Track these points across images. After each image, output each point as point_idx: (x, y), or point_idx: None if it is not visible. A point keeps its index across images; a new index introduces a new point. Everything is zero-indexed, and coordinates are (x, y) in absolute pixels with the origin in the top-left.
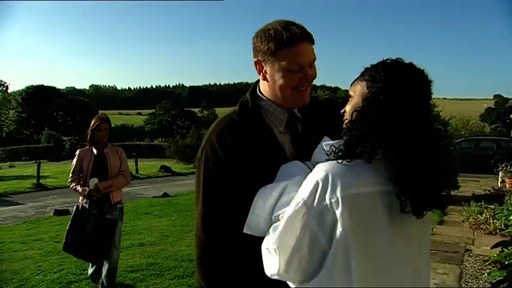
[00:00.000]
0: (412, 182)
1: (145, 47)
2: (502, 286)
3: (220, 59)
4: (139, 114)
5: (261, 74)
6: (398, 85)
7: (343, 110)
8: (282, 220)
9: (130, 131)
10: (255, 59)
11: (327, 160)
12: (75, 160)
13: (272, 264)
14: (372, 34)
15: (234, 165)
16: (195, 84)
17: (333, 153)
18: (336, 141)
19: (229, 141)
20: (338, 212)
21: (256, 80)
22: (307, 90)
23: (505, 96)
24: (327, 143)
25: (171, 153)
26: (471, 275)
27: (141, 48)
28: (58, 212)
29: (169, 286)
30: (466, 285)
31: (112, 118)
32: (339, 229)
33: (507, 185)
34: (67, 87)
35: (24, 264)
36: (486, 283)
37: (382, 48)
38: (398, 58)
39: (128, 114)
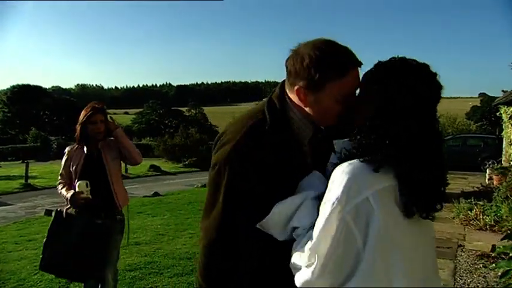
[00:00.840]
0: (414, 180)
1: (132, 46)
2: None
3: (207, 59)
4: (127, 113)
5: (300, 96)
6: (404, 83)
7: (352, 110)
8: (317, 223)
9: None
10: (296, 87)
11: (342, 160)
12: (63, 160)
13: (304, 272)
14: (358, 33)
15: (259, 170)
16: (182, 84)
17: (347, 153)
18: (346, 140)
19: (257, 145)
20: (373, 206)
21: (281, 81)
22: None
23: (490, 94)
24: (337, 142)
25: (160, 152)
26: (465, 270)
27: (128, 47)
28: (49, 212)
29: (168, 284)
30: (460, 279)
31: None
32: (375, 223)
33: (495, 182)
34: (53, 87)
35: (20, 264)
36: (480, 277)
37: (369, 47)
38: (402, 57)
39: (114, 113)
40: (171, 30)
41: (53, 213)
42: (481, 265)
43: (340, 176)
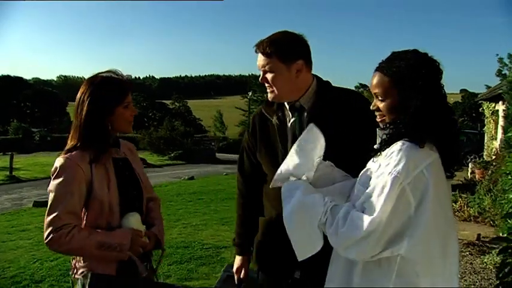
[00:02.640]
0: (449, 147)
1: (115, 38)
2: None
3: (190, 51)
4: None
5: None
6: (417, 72)
7: (375, 107)
8: (375, 195)
9: None
10: None
11: (385, 142)
12: (63, 184)
13: (363, 242)
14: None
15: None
16: (166, 76)
17: (389, 137)
18: (385, 129)
19: (255, 118)
20: (427, 177)
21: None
22: (268, 89)
23: (470, 90)
24: (379, 129)
25: (144, 145)
26: None
27: (111, 40)
28: (38, 204)
29: (169, 271)
30: None
31: None
32: (429, 191)
33: (477, 176)
34: (33, 78)
35: (17, 253)
36: (467, 264)
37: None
38: (405, 49)
39: None
40: (154, 22)
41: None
42: (467, 253)
43: (397, 153)
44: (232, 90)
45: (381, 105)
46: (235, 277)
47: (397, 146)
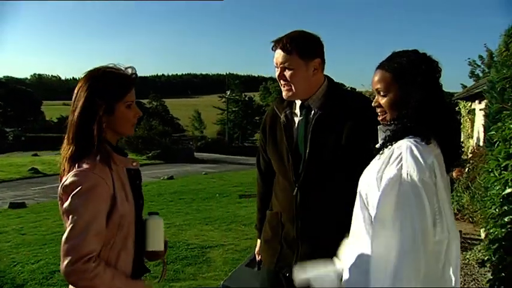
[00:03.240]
0: (450, 141)
1: (91, 37)
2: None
3: (167, 50)
4: None
5: None
6: (418, 68)
7: (376, 104)
8: (386, 202)
9: None
10: None
11: (387, 140)
12: (88, 204)
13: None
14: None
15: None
16: (143, 75)
17: (390, 134)
18: (387, 127)
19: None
20: (435, 173)
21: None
22: (284, 87)
23: (445, 90)
24: (381, 128)
25: (122, 144)
26: None
27: (87, 38)
28: (14, 205)
29: (154, 272)
30: None
31: (57, 109)
32: (439, 183)
33: (454, 174)
34: (5, 76)
35: None
36: None
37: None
38: (415, 50)
39: None
40: (131, 21)
41: None
42: None
43: (405, 153)
44: (210, 89)
45: (383, 101)
46: (257, 258)
47: (404, 145)
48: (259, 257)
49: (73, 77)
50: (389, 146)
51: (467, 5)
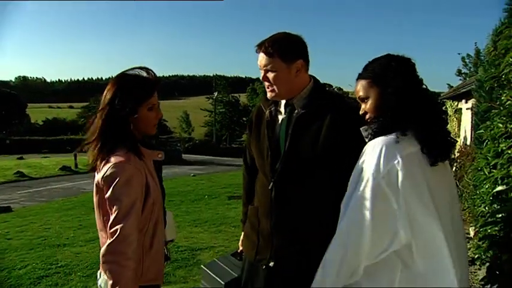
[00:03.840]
0: (430, 135)
1: (76, 39)
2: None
3: (153, 51)
4: (71, 107)
5: None
6: (388, 67)
7: (363, 111)
8: (354, 194)
9: (63, 125)
10: None
11: (369, 139)
12: (128, 192)
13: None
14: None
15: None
16: None
17: (372, 133)
18: (368, 126)
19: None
20: (401, 169)
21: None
22: (268, 88)
23: (431, 89)
24: (363, 128)
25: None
26: None
27: (72, 40)
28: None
29: None
30: None
31: (42, 112)
32: (403, 179)
33: None
34: None
35: None
36: None
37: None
38: (387, 54)
39: (58, 107)
40: (115, 22)
41: None
42: None
43: (371, 150)
44: (197, 90)
45: (367, 106)
46: (240, 249)
47: (372, 142)
48: (241, 248)
49: (59, 79)
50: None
51: (454, 4)
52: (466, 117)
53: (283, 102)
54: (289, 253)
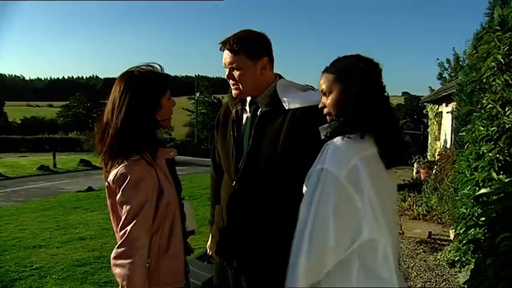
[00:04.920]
0: (386, 137)
1: (57, 37)
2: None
3: (135, 51)
4: (51, 106)
5: None
6: (356, 66)
7: (322, 105)
8: (312, 194)
9: (41, 124)
10: None
11: (328, 139)
12: (138, 194)
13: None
14: None
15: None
16: (111, 76)
17: (330, 133)
18: (325, 125)
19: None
20: (363, 169)
21: None
22: (233, 86)
23: (412, 93)
24: (322, 127)
25: (89, 146)
26: (407, 255)
27: (52, 38)
28: None
29: None
30: (404, 264)
31: (21, 110)
32: (364, 183)
33: (422, 175)
34: None
35: None
36: (421, 261)
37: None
38: (357, 54)
39: (37, 106)
40: (98, 21)
41: None
42: (420, 250)
43: (331, 150)
44: (179, 91)
45: (327, 101)
46: (208, 251)
47: (332, 142)
48: (210, 251)
49: (38, 77)
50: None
51: (433, 9)
52: (447, 121)
53: (248, 100)
54: (253, 253)
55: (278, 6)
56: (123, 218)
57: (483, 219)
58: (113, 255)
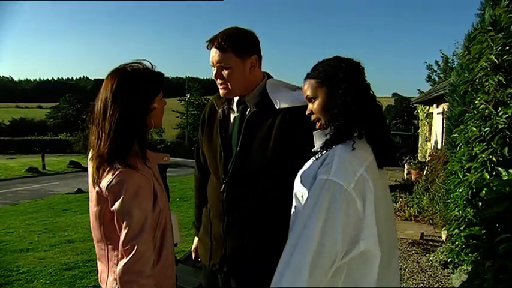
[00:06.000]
0: (380, 144)
1: (47, 37)
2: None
3: (125, 51)
4: (40, 107)
5: None
6: (338, 68)
7: (309, 112)
8: (318, 204)
9: (30, 125)
10: None
11: (325, 145)
12: (139, 203)
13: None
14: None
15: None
16: (100, 77)
17: (328, 141)
18: (320, 132)
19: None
20: (368, 178)
21: None
22: (221, 85)
23: (402, 94)
24: (316, 134)
25: (79, 148)
26: (400, 256)
27: (42, 38)
28: None
29: None
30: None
31: (9, 111)
32: (370, 191)
33: (413, 176)
34: None
35: None
36: (414, 263)
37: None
38: (336, 56)
39: (26, 107)
40: (88, 22)
41: None
42: (413, 252)
43: (337, 161)
44: (169, 92)
45: (314, 106)
46: (193, 255)
47: (337, 152)
48: (195, 254)
49: (27, 79)
50: (325, 151)
51: (421, 13)
52: (437, 122)
53: (235, 99)
54: (243, 257)
55: (281, 8)
56: (125, 231)
57: (480, 219)
58: (120, 273)
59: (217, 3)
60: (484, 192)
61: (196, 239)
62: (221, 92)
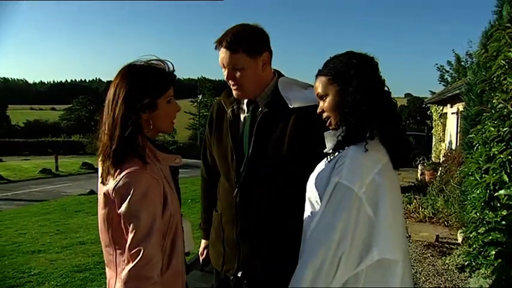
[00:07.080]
0: (395, 144)
1: (58, 38)
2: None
3: (137, 53)
4: (53, 109)
5: None
6: (349, 64)
7: (320, 110)
8: (330, 207)
9: (44, 127)
10: None
11: (336, 147)
12: (148, 206)
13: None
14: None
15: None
16: (113, 79)
17: (338, 143)
18: (332, 132)
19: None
20: (382, 181)
21: None
22: (234, 87)
23: (414, 95)
24: (327, 135)
25: (92, 149)
26: (415, 259)
27: (53, 39)
28: None
29: None
30: (412, 268)
31: (24, 113)
32: (384, 194)
33: (426, 177)
34: None
35: None
36: (429, 266)
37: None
38: (348, 51)
39: (40, 109)
40: (100, 23)
41: None
42: (428, 254)
43: (348, 163)
44: (182, 94)
45: (325, 104)
46: (200, 259)
47: (349, 155)
48: (203, 258)
49: (41, 81)
50: (337, 153)
51: (432, 13)
52: (452, 122)
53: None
54: (257, 262)
55: (281, 7)
56: (132, 235)
57: (504, 223)
58: (125, 278)
59: (218, 3)
60: (502, 194)
61: (203, 241)
62: (234, 93)
